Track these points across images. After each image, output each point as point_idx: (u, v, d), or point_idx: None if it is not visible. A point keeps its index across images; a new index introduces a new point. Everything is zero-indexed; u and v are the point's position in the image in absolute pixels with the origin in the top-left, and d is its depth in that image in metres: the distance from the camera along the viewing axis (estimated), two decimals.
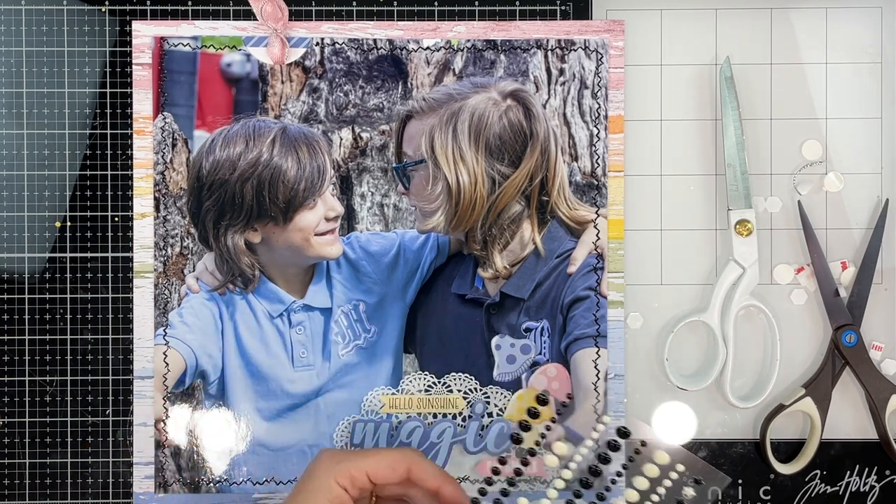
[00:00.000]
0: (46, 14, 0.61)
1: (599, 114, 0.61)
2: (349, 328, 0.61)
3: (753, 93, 0.62)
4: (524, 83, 0.61)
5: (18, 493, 0.61)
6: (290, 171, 0.59)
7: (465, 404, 0.61)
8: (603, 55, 0.61)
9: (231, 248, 0.60)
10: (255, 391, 0.61)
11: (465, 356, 0.61)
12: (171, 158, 0.61)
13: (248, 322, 0.61)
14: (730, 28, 0.62)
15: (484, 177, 0.60)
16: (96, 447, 0.61)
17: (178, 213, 0.61)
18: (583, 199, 0.61)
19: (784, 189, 0.62)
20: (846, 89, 0.62)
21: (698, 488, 0.61)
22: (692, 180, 0.62)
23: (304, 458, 0.61)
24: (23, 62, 0.61)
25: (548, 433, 0.61)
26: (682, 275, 0.62)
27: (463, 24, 0.61)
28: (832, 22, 0.63)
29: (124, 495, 0.61)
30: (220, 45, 0.61)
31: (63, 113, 0.61)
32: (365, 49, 0.61)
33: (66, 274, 0.61)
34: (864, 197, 0.62)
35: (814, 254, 0.61)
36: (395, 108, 0.61)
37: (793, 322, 0.62)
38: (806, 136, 0.62)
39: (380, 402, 0.61)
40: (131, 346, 0.61)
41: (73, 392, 0.61)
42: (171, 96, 0.61)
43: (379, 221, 0.61)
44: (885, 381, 0.61)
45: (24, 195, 0.61)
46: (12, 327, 0.61)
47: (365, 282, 0.61)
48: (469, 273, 0.61)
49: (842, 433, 0.62)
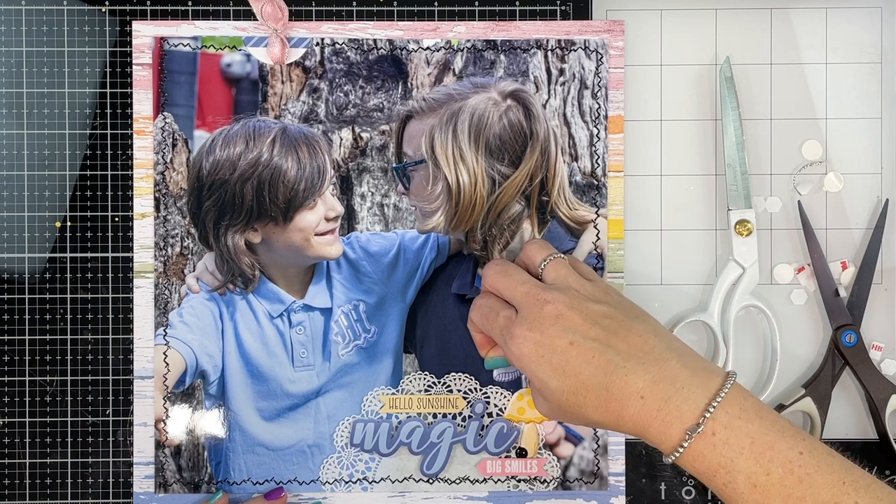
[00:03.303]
0: (46, 14, 0.61)
1: (599, 114, 0.61)
2: (349, 328, 0.61)
3: (753, 93, 0.62)
4: (524, 83, 0.61)
5: (18, 493, 0.61)
6: (290, 171, 0.59)
7: (465, 404, 0.61)
8: (603, 55, 0.61)
9: (231, 248, 0.60)
10: (255, 391, 0.61)
11: (465, 356, 0.61)
12: (172, 158, 0.61)
13: (249, 322, 0.61)
14: (730, 28, 0.62)
15: (484, 177, 0.60)
16: (96, 447, 0.61)
17: (178, 213, 0.61)
18: (583, 199, 0.61)
19: (784, 189, 0.62)
20: (846, 89, 0.62)
21: (698, 487, 0.62)
22: (692, 180, 0.62)
23: (304, 458, 0.61)
24: (23, 62, 0.61)
25: (548, 433, 0.61)
26: (682, 275, 0.62)
27: (463, 25, 0.61)
28: (832, 22, 0.63)
29: (124, 495, 0.61)
30: (220, 45, 0.61)
31: (63, 113, 0.61)
32: (365, 49, 0.61)
33: (66, 274, 0.61)
34: (864, 197, 0.62)
35: (814, 254, 0.61)
36: (395, 108, 0.61)
37: (793, 322, 0.62)
38: (806, 136, 0.62)
39: (380, 402, 0.61)
40: (131, 346, 0.61)
41: (73, 392, 0.61)
42: (172, 96, 0.61)
43: (379, 221, 0.61)
44: (885, 381, 0.61)
45: (24, 195, 0.61)
46: (12, 327, 0.61)
47: (365, 282, 0.61)
48: (469, 273, 0.61)
49: (842, 433, 0.62)
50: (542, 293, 0.50)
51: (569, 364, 0.48)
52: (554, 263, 0.53)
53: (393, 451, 0.61)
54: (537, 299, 0.50)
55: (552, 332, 0.49)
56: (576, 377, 0.48)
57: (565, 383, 0.48)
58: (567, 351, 0.48)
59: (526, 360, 0.49)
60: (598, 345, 0.48)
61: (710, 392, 0.46)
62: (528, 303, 0.50)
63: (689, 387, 0.46)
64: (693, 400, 0.46)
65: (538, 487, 0.61)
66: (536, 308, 0.50)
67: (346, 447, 0.61)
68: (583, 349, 0.48)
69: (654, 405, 0.46)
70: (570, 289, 0.51)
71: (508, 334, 0.50)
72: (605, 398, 0.47)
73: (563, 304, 0.49)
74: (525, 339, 0.49)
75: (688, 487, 0.61)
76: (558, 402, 0.49)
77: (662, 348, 0.48)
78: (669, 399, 0.46)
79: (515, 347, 0.49)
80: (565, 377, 0.48)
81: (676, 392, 0.46)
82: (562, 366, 0.48)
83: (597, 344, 0.48)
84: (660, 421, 0.46)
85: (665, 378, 0.47)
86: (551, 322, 0.49)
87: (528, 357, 0.49)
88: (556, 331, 0.49)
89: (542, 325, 0.49)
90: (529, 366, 0.49)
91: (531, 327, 0.49)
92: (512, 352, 0.50)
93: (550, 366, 0.48)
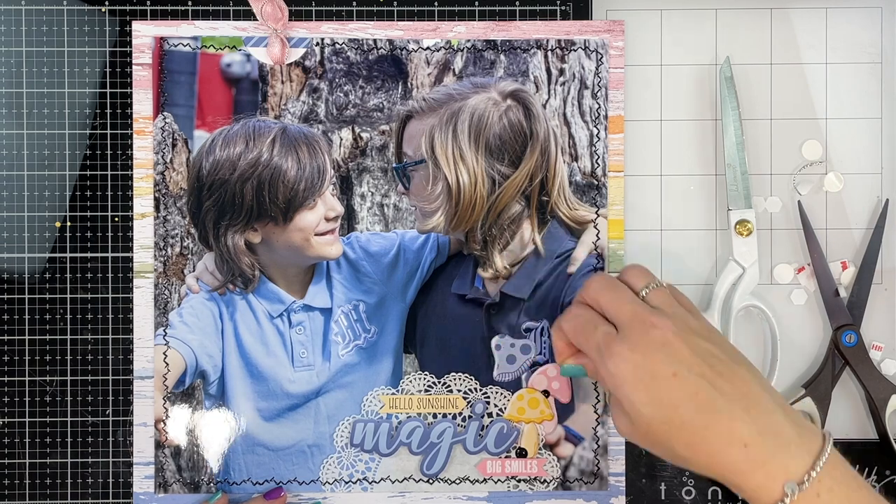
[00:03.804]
0: (46, 14, 0.61)
1: (599, 114, 0.61)
2: (349, 328, 0.61)
3: (753, 93, 0.62)
4: (524, 83, 0.61)
5: (18, 493, 0.61)
6: (290, 171, 0.59)
7: (465, 404, 0.61)
8: (603, 55, 0.61)
9: (231, 248, 0.60)
10: (255, 391, 0.61)
11: (465, 356, 0.61)
12: (171, 158, 0.61)
13: (248, 322, 0.61)
14: (730, 28, 0.62)
15: (484, 177, 0.60)
16: (96, 447, 0.61)
17: (178, 213, 0.61)
18: (583, 199, 0.61)
19: (784, 189, 0.62)
20: (846, 89, 0.62)
21: (698, 487, 0.62)
22: (692, 180, 0.62)
23: (305, 458, 0.61)
24: (23, 62, 0.61)
25: (548, 433, 0.61)
26: (682, 275, 0.62)
27: (463, 25, 0.61)
28: (832, 22, 0.63)
29: (124, 495, 0.61)
30: (220, 45, 0.61)
31: (63, 113, 0.61)
32: (365, 49, 0.61)
33: (66, 274, 0.61)
34: (864, 197, 0.62)
35: (814, 254, 0.61)
36: (395, 108, 0.61)
37: (793, 322, 0.62)
38: (806, 136, 0.62)
39: (380, 402, 0.61)
40: (131, 346, 0.61)
41: (73, 392, 0.61)
42: (171, 96, 0.61)
43: (379, 221, 0.61)
44: (885, 381, 0.61)
45: (24, 195, 0.61)
46: (12, 327, 0.61)
47: (365, 282, 0.61)
48: (469, 273, 0.61)
49: (842, 433, 0.62)
50: (650, 316, 0.49)
51: (668, 395, 0.47)
52: (660, 291, 0.51)
53: (393, 451, 0.61)
54: (644, 322, 0.48)
55: (656, 359, 0.47)
56: (673, 409, 0.47)
57: (659, 413, 0.47)
58: (669, 381, 0.47)
59: (621, 380, 0.48)
60: (703, 382, 0.47)
61: (814, 452, 0.46)
62: (633, 323, 0.49)
63: (796, 444, 0.46)
64: (800, 457, 0.46)
65: (538, 487, 0.61)
66: (642, 330, 0.48)
67: (346, 447, 0.61)
68: (686, 383, 0.47)
69: (759, 456, 0.46)
70: (679, 318, 0.49)
71: (607, 351, 0.49)
72: (701, 437, 0.46)
73: (671, 331, 0.48)
74: (625, 360, 0.48)
75: (688, 487, 0.61)
76: (646, 428, 0.48)
77: (768, 399, 0.47)
78: (776, 453, 0.46)
79: (613, 366, 0.48)
80: (661, 407, 0.47)
81: (783, 447, 0.46)
82: (660, 395, 0.47)
83: (702, 381, 0.47)
84: (763, 473, 0.45)
85: (772, 431, 0.46)
86: (657, 348, 0.47)
87: (625, 378, 0.48)
88: (660, 357, 0.47)
89: (646, 348, 0.48)
90: (623, 387, 0.48)
91: (634, 348, 0.48)
92: (608, 369, 0.48)
93: (647, 392, 0.47)
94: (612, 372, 0.48)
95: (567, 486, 0.61)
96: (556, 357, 0.56)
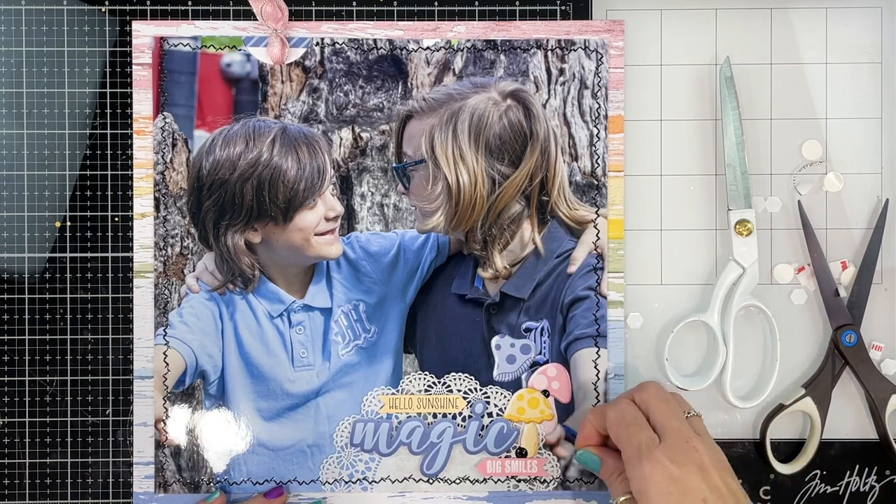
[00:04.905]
0: (46, 14, 0.61)
1: (599, 114, 0.61)
2: (349, 328, 0.61)
3: (753, 93, 0.62)
4: (524, 83, 0.61)
5: (18, 493, 0.61)
6: (290, 171, 0.59)
7: (465, 404, 0.61)
8: (603, 55, 0.61)
9: (231, 248, 0.60)
10: (255, 391, 0.61)
11: (465, 356, 0.61)
12: (171, 158, 0.61)
13: (248, 322, 0.61)
14: (730, 28, 0.62)
15: (484, 177, 0.60)
16: (96, 447, 0.61)
17: (178, 213, 0.61)
18: (583, 199, 0.61)
19: (784, 189, 0.62)
20: (846, 89, 0.62)
21: None
22: (692, 180, 0.62)
23: (304, 458, 0.61)
24: (23, 62, 0.61)
25: (548, 433, 0.61)
26: (682, 275, 0.62)
27: (463, 24, 0.61)
28: (832, 22, 0.63)
29: (124, 495, 0.61)
30: (220, 45, 0.61)
31: (63, 113, 0.61)
32: (365, 49, 0.61)
33: (66, 274, 0.61)
34: (864, 197, 0.62)
35: (814, 254, 0.61)
36: (395, 108, 0.61)
37: (793, 322, 0.62)
38: (806, 136, 0.62)
39: (380, 402, 0.61)
40: (131, 346, 0.61)
41: (73, 392, 0.61)
42: (171, 96, 0.61)
43: (379, 221, 0.61)
44: (885, 381, 0.61)
45: (24, 195, 0.61)
46: (12, 327, 0.61)
47: (365, 282, 0.61)
48: (469, 273, 0.61)
49: (842, 433, 0.62)
50: (695, 439, 0.52)
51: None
52: (699, 419, 0.54)
53: (393, 451, 0.61)
54: (689, 441, 0.51)
55: (692, 480, 0.50)
56: None
57: None
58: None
59: (652, 485, 0.50)
60: None
61: None
62: (679, 439, 0.51)
63: None
64: None
65: (538, 487, 0.61)
66: (685, 448, 0.51)
67: (346, 447, 0.61)
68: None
69: None
70: (715, 450, 0.52)
71: (647, 454, 0.51)
72: None
73: (709, 459, 0.51)
74: (663, 468, 0.50)
75: None
76: None
77: None
78: None
79: (650, 471, 0.50)
80: None
81: None
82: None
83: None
84: None
85: None
86: (695, 469, 0.50)
87: (657, 485, 0.50)
88: (695, 480, 0.50)
89: (685, 466, 0.50)
90: (651, 492, 0.50)
91: (673, 461, 0.50)
92: (643, 472, 0.51)
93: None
94: (645, 475, 0.50)
95: (567, 486, 0.61)
96: (579, 441, 0.57)
